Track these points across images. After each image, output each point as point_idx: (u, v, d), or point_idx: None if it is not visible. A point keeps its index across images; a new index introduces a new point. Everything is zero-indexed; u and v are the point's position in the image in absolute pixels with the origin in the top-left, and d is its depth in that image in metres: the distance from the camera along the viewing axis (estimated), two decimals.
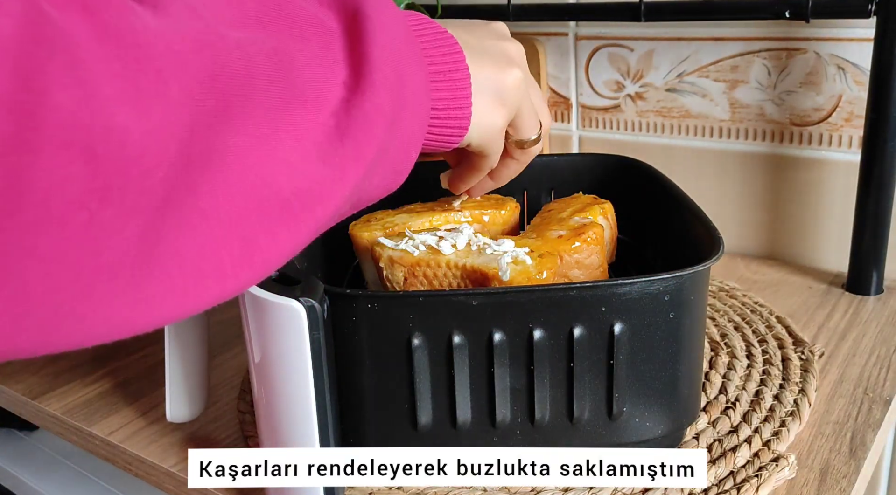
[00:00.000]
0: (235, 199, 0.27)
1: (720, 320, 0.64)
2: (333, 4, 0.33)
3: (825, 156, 0.73)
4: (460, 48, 0.39)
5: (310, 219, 0.30)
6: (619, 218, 0.56)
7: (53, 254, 0.22)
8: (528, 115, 0.45)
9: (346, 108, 0.31)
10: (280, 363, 0.39)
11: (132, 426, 0.55)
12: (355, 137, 0.31)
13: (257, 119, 0.27)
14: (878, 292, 0.68)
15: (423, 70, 0.36)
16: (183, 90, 0.25)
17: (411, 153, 0.36)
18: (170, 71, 0.24)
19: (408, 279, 0.47)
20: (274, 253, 0.30)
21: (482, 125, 0.42)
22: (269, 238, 0.29)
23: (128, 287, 0.25)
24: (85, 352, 0.66)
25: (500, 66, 0.42)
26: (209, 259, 0.27)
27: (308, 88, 0.29)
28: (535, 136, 0.47)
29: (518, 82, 0.43)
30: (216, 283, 0.28)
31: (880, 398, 0.53)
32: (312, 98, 0.30)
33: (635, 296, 0.41)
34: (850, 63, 0.69)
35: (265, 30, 0.29)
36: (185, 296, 0.27)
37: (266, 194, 0.28)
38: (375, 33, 0.32)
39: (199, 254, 0.27)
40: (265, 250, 0.29)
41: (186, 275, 0.27)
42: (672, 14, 0.71)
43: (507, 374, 0.42)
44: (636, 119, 0.82)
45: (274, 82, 0.28)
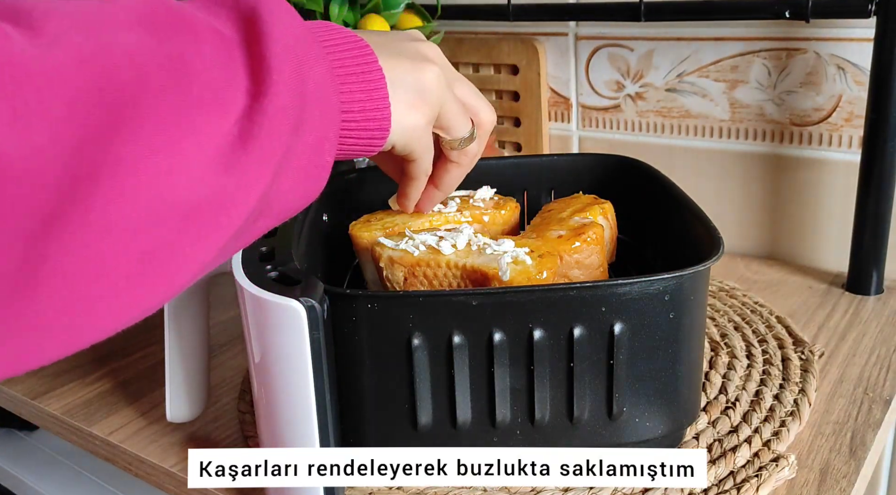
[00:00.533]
0: (129, 213, 0.26)
1: (720, 320, 0.64)
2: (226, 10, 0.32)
3: (825, 156, 0.73)
4: (371, 50, 0.39)
5: (214, 231, 0.29)
6: (619, 218, 0.56)
7: None
8: (453, 112, 0.44)
9: (247, 113, 0.30)
10: (280, 363, 0.39)
11: (132, 426, 0.55)
12: (258, 141, 0.30)
13: (150, 129, 0.26)
14: (878, 292, 0.68)
15: (330, 72, 0.35)
16: (65, 107, 0.24)
17: (324, 156, 0.35)
18: (48, 90, 0.24)
19: (408, 279, 0.47)
20: (179, 266, 0.29)
21: (403, 125, 0.41)
22: (171, 251, 0.28)
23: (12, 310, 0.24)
24: (85, 352, 0.66)
25: (415, 63, 0.41)
26: (103, 277, 0.26)
27: (206, 95, 0.28)
28: (466, 134, 0.46)
29: (436, 78, 0.42)
30: (115, 302, 0.27)
31: (880, 398, 0.53)
32: (211, 105, 0.29)
33: (635, 296, 0.41)
34: (850, 63, 0.69)
35: (157, 36, 0.28)
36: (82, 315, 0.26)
37: (163, 206, 0.27)
38: (273, 37, 0.31)
39: (91, 272, 0.26)
40: (168, 264, 0.28)
41: (78, 295, 0.26)
42: (672, 14, 0.71)
43: (507, 374, 0.42)
44: (636, 119, 0.82)
45: (168, 90, 0.27)
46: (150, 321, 0.74)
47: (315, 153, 0.34)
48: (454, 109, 0.44)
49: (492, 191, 0.58)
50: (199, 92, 0.28)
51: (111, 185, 0.25)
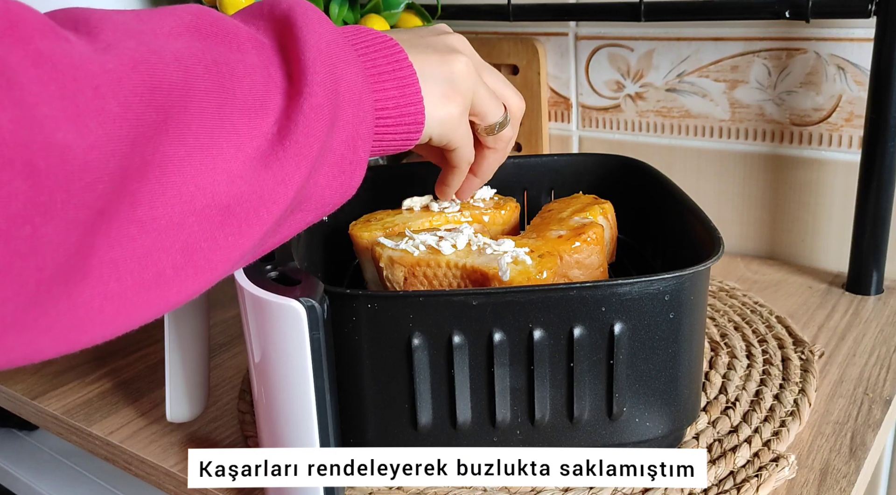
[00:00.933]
0: (174, 208, 0.28)
1: (720, 320, 0.64)
2: (263, 21, 0.35)
3: (825, 156, 0.73)
4: (401, 48, 0.40)
5: (253, 224, 0.31)
6: (619, 218, 0.56)
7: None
8: (486, 98, 0.45)
9: (285, 112, 0.32)
10: (280, 363, 0.39)
11: (132, 426, 0.55)
12: (296, 139, 0.32)
13: (196, 128, 0.28)
14: (878, 292, 0.68)
15: (362, 72, 0.37)
16: (121, 105, 0.26)
17: (359, 152, 0.37)
18: (106, 88, 0.26)
19: (408, 279, 0.47)
20: (219, 258, 0.30)
21: (438, 117, 0.42)
22: (211, 244, 0.30)
23: (63, 296, 0.26)
24: (85, 352, 0.66)
25: (444, 56, 0.43)
26: (148, 268, 0.28)
27: (248, 97, 0.31)
28: (500, 119, 0.47)
29: (467, 68, 0.43)
30: (158, 291, 0.29)
31: (880, 398, 0.53)
32: (252, 106, 0.31)
33: (635, 296, 0.41)
34: (850, 63, 0.69)
35: (203, 42, 0.31)
36: (125, 304, 0.28)
37: (206, 202, 0.29)
38: (306, 41, 0.33)
39: (138, 263, 0.27)
40: (208, 257, 0.30)
41: (125, 284, 0.27)
42: (672, 14, 0.71)
43: (507, 374, 0.42)
44: (636, 119, 0.82)
45: (212, 92, 0.29)
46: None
47: (349, 149, 0.36)
48: (486, 96, 0.45)
49: (492, 192, 0.58)
50: (242, 94, 0.30)
51: (159, 181, 0.27)
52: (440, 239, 0.48)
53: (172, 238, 0.28)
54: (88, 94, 0.25)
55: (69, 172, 0.24)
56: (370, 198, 0.60)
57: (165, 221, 0.28)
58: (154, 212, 0.27)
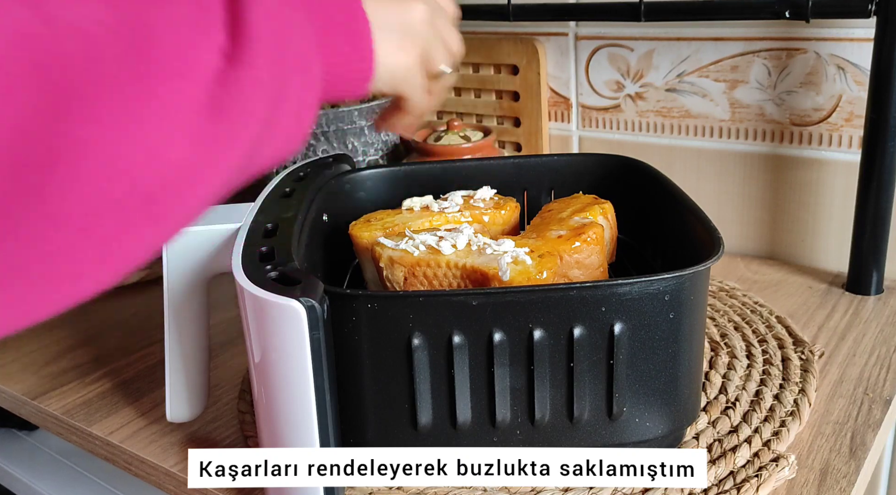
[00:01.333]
0: (90, 199, 0.24)
1: (720, 320, 0.64)
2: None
3: (825, 156, 0.73)
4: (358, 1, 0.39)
5: (178, 209, 0.28)
6: (619, 218, 0.56)
7: None
8: (437, 47, 0.45)
9: (220, 80, 0.27)
10: (280, 363, 0.39)
11: (132, 426, 0.55)
12: (230, 114, 0.28)
13: (106, 106, 0.24)
14: (878, 292, 0.68)
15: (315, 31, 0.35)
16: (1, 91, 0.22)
17: (304, 122, 0.35)
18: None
19: (408, 279, 0.47)
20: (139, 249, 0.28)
21: (391, 66, 0.42)
22: (132, 234, 0.27)
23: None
24: (85, 352, 0.66)
25: (402, 4, 0.42)
26: (62, 266, 0.25)
27: (169, 58, 0.26)
28: (447, 68, 0.47)
29: (424, 17, 0.43)
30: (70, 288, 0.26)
31: (880, 398, 0.53)
32: (176, 69, 0.26)
33: (635, 296, 0.41)
34: (850, 63, 0.69)
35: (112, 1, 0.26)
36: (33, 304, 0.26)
37: (125, 190, 0.25)
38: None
39: (50, 262, 0.25)
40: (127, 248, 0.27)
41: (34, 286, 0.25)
42: (672, 14, 0.71)
43: (507, 374, 0.42)
44: (636, 119, 0.82)
45: (125, 62, 0.25)
46: (150, 321, 0.74)
47: (294, 121, 0.34)
48: (438, 45, 0.45)
49: (492, 192, 0.58)
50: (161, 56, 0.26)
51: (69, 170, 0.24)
52: (440, 239, 0.48)
53: (89, 233, 0.25)
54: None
55: None
56: (370, 199, 0.60)
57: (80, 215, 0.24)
58: (67, 206, 0.24)
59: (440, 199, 0.57)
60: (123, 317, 0.73)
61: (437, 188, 0.60)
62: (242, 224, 0.47)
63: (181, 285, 0.48)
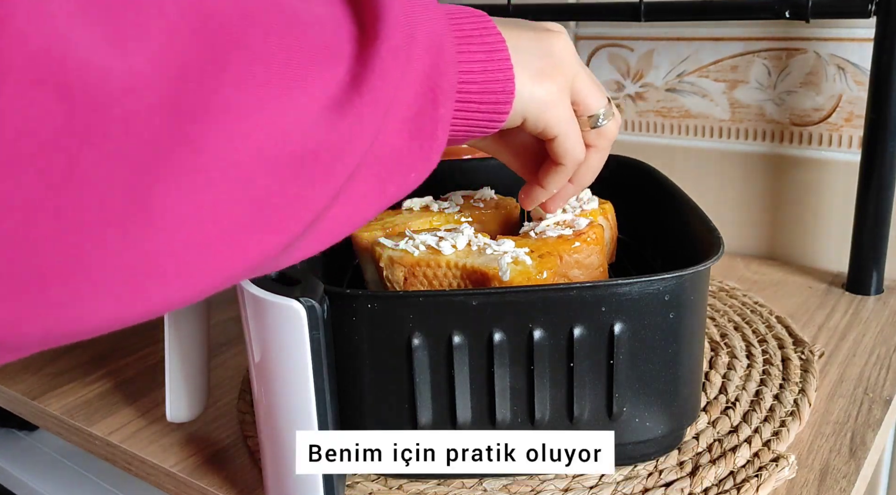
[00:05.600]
0: (240, 158, 0.25)
1: (720, 320, 0.64)
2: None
3: (825, 156, 0.73)
4: (489, 18, 0.36)
5: (327, 178, 0.28)
6: (619, 218, 0.56)
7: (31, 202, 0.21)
8: (588, 82, 0.39)
9: (360, 60, 0.28)
10: (280, 363, 0.39)
11: (132, 426, 0.55)
12: (373, 85, 0.28)
13: (260, 72, 0.25)
14: (878, 292, 0.68)
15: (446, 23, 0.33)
16: (162, 34, 0.23)
17: (440, 110, 0.32)
18: (151, 12, 0.23)
19: (408, 279, 0.47)
20: (291, 213, 0.27)
21: (534, 93, 0.36)
22: (282, 198, 0.26)
23: (121, 245, 0.23)
24: (85, 352, 0.66)
25: (539, 33, 0.38)
26: (215, 221, 0.25)
27: (316, 45, 0.27)
28: (604, 109, 0.40)
29: (567, 46, 0.38)
30: (226, 249, 0.26)
31: (880, 398, 0.53)
32: (322, 54, 0.27)
33: (635, 296, 0.41)
34: (850, 63, 0.69)
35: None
36: (193, 263, 0.25)
37: (276, 152, 0.26)
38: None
39: (202, 215, 0.24)
40: (280, 211, 0.27)
41: (190, 239, 0.24)
42: (672, 14, 0.71)
43: (507, 374, 0.42)
44: (636, 119, 0.82)
45: (275, 34, 0.26)
46: (151, 321, 0.74)
47: (429, 103, 0.31)
48: (588, 80, 0.39)
49: (492, 192, 0.58)
50: (309, 42, 0.27)
51: (222, 128, 0.24)
52: (440, 239, 0.48)
53: (240, 190, 0.25)
54: (131, 15, 0.22)
55: (106, 97, 0.21)
56: None
57: (232, 172, 0.25)
58: (219, 161, 0.24)
59: (440, 199, 0.57)
60: None
61: (437, 188, 0.60)
62: None
63: None
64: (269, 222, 0.27)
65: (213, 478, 0.49)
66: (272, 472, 0.43)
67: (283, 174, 0.26)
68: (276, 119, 0.26)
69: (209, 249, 0.25)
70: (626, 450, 0.46)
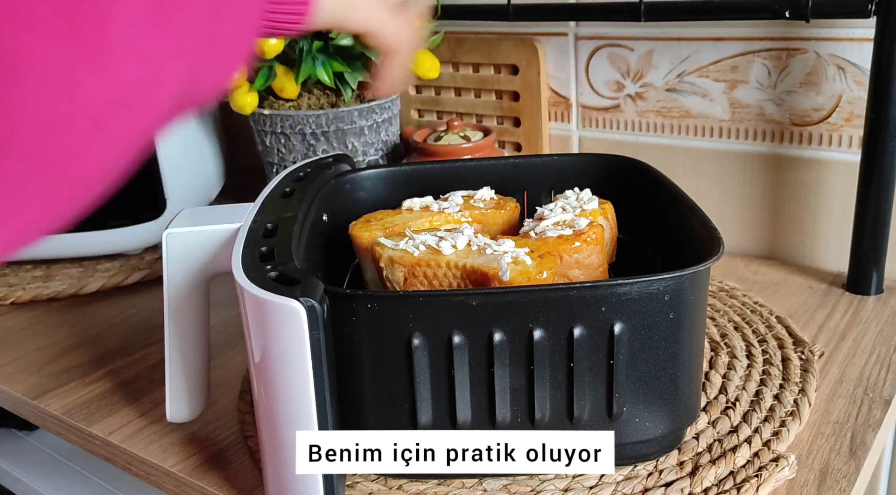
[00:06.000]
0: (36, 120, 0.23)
1: (720, 320, 0.64)
2: None
3: (825, 156, 0.73)
4: None
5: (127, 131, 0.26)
6: (619, 218, 0.56)
7: None
8: None
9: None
10: (280, 363, 0.39)
11: (132, 426, 0.55)
12: (173, 25, 0.26)
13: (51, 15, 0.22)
14: (878, 292, 0.68)
15: None
16: None
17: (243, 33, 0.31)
18: None
19: (408, 279, 0.47)
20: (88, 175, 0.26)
21: None
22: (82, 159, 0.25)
23: None
24: (85, 352, 0.66)
25: None
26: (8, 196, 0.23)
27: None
28: None
29: None
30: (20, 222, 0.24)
31: (880, 398, 0.53)
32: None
33: (635, 296, 0.41)
34: (850, 63, 0.69)
35: None
36: None
37: (73, 109, 0.23)
38: None
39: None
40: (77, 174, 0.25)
41: None
42: (672, 14, 0.71)
43: (507, 374, 0.42)
44: (636, 119, 0.82)
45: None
46: (150, 321, 0.74)
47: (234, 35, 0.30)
48: None
49: (492, 192, 0.58)
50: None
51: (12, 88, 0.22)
52: (440, 239, 0.48)
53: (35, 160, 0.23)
54: None
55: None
56: (370, 199, 0.60)
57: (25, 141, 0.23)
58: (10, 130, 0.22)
59: (440, 199, 0.57)
60: (123, 317, 0.73)
61: (437, 188, 0.60)
62: (242, 224, 0.47)
63: (181, 285, 0.48)
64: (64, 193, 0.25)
65: (213, 478, 0.49)
66: (272, 472, 0.43)
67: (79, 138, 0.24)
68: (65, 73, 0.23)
69: None
70: (626, 450, 0.46)
